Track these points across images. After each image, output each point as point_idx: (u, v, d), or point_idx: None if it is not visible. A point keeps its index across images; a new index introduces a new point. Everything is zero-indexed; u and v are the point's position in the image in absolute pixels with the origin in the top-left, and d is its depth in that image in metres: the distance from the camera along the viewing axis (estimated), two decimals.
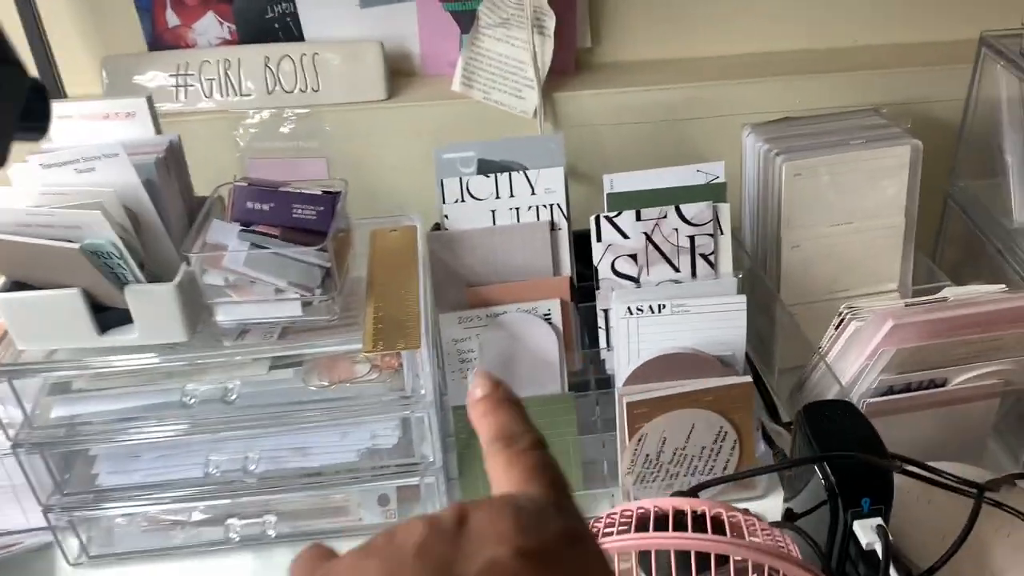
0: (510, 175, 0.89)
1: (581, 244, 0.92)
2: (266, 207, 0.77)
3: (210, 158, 1.04)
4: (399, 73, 1.10)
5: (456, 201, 0.90)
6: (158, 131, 0.82)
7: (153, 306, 0.75)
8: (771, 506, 0.89)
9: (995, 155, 1.00)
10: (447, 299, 0.91)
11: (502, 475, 0.37)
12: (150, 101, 0.82)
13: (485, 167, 0.90)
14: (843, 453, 0.70)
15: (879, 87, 1.08)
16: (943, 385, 0.85)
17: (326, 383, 0.81)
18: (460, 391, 0.91)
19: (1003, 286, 0.87)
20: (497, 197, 0.90)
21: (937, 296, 0.87)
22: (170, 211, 0.79)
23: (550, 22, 1.02)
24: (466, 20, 1.07)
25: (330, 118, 1.05)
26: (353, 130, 1.06)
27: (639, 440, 0.86)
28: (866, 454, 0.69)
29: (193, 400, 0.81)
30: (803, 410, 0.76)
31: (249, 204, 0.77)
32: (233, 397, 0.80)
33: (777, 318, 0.99)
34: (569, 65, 1.10)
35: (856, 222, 1.00)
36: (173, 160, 0.81)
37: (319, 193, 0.78)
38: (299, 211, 0.77)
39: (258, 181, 0.80)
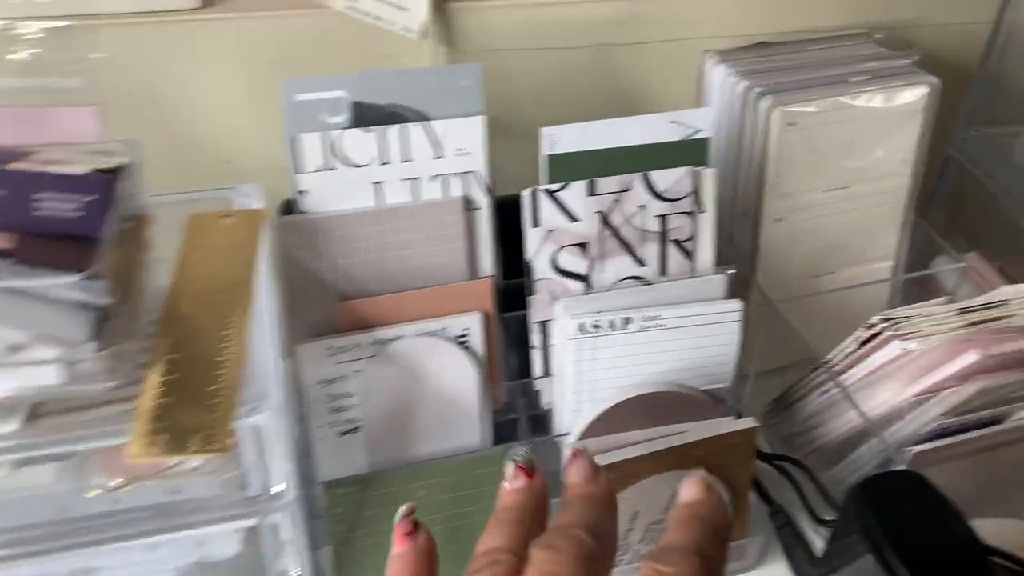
0: (404, 128, 0.59)
1: (503, 220, 0.63)
2: None
3: None
4: None
5: (319, 169, 0.58)
6: None
7: None
8: None
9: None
10: (310, 320, 0.60)
11: None
12: None
13: (364, 115, 0.59)
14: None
15: (866, 4, 0.83)
16: (1000, 423, 0.63)
17: (114, 483, 0.49)
18: (334, 456, 0.62)
19: None
20: (384, 162, 0.59)
21: (992, 300, 0.65)
22: None
23: None
24: None
25: (109, 36, 0.69)
26: (151, 56, 0.71)
27: None
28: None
29: None
30: (861, 487, 0.51)
31: None
32: None
33: (753, 311, 0.74)
34: None
35: (853, 186, 0.76)
36: None
37: (83, 173, 0.44)
38: (47, 205, 0.43)
39: None
